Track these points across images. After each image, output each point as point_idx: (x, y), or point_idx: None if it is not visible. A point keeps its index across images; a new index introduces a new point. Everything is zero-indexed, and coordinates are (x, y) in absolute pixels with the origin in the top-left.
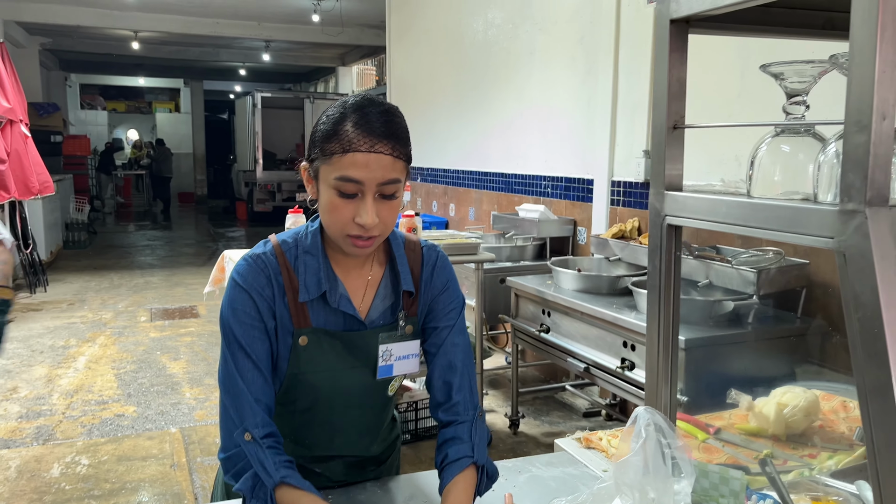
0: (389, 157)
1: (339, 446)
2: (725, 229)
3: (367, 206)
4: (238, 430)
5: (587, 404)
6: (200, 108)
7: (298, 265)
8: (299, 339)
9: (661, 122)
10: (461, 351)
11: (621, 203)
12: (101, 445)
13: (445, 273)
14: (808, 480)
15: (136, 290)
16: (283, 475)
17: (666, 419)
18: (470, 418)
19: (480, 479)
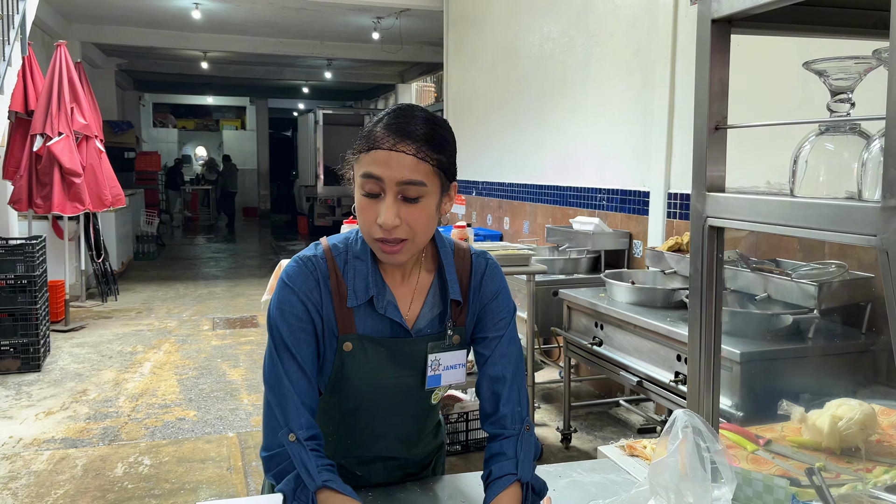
0: (412, 158)
1: (381, 450)
2: (767, 229)
3: (387, 204)
4: (283, 430)
5: (642, 420)
6: (265, 126)
7: (347, 270)
8: (343, 344)
9: (703, 123)
10: (511, 362)
11: (678, 216)
12: (163, 447)
13: (496, 282)
14: (860, 494)
15: (199, 300)
16: (326, 479)
17: (705, 423)
18: (516, 432)
19: (525, 496)
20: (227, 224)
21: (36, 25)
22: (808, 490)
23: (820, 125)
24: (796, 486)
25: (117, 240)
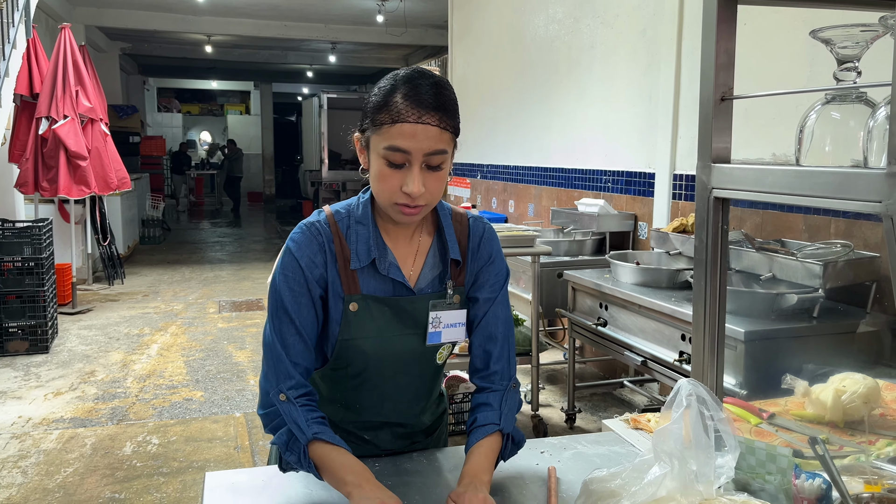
0: (436, 129)
1: (389, 412)
2: (772, 199)
3: (414, 175)
4: (273, 390)
5: (646, 401)
6: (269, 110)
7: (350, 234)
8: (349, 305)
9: (709, 95)
10: (502, 323)
11: (683, 197)
12: (171, 426)
13: (492, 245)
14: (862, 465)
15: (205, 283)
16: (316, 431)
17: (709, 391)
18: (503, 388)
19: (505, 446)
20: (232, 209)
21: (40, 9)
22: (811, 462)
23: (826, 94)
24: (799, 458)
25: (123, 224)
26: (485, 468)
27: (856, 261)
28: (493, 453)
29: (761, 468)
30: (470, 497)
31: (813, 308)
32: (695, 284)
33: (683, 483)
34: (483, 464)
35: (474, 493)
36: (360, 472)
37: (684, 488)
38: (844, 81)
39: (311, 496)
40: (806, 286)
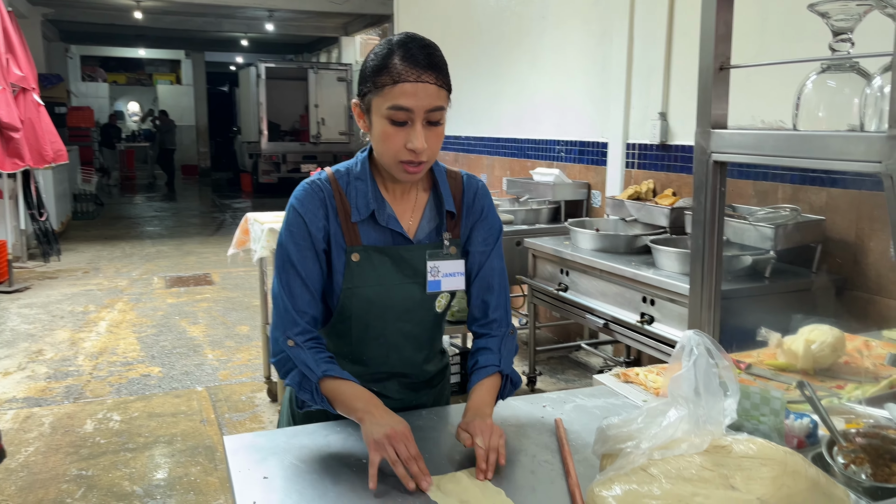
0: (434, 87)
1: (395, 362)
2: (773, 162)
3: (417, 131)
4: (282, 337)
5: (601, 362)
6: (202, 80)
7: (350, 190)
8: (351, 255)
9: (708, 64)
10: (498, 273)
11: (636, 165)
12: (131, 403)
13: (485, 200)
14: (838, 406)
15: (148, 258)
16: (325, 369)
17: (713, 341)
18: (501, 333)
19: (504, 385)
20: (166, 182)
21: None
22: (798, 404)
23: (822, 64)
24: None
25: (55, 198)
26: (487, 402)
27: (803, 224)
28: (494, 390)
29: (756, 410)
30: (479, 424)
31: (765, 268)
32: (692, 243)
33: (696, 425)
34: (485, 398)
35: (482, 421)
36: (370, 400)
37: (697, 429)
38: (839, 52)
39: (334, 454)
40: (758, 248)
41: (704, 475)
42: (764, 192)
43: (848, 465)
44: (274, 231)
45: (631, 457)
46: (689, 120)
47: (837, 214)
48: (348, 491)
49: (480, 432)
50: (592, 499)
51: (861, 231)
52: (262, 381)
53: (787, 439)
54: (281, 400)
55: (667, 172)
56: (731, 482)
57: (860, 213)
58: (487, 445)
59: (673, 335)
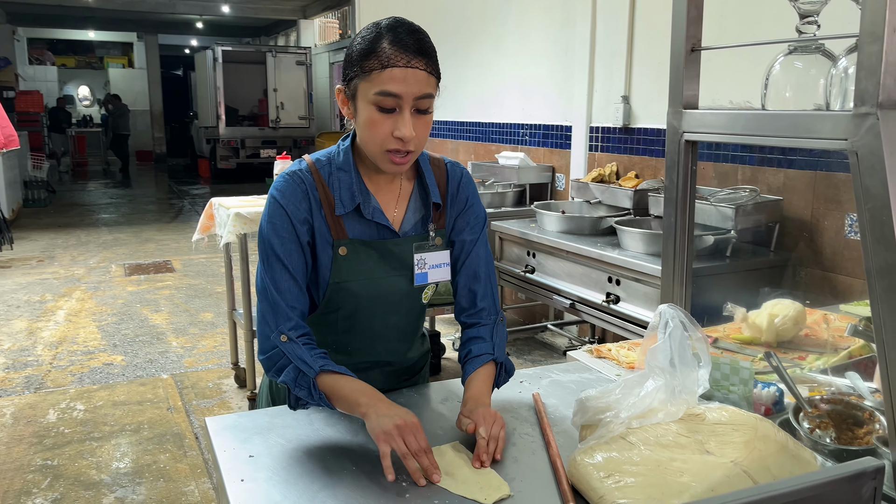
0: (424, 73)
1: (379, 352)
2: (743, 140)
3: (406, 119)
4: (274, 333)
5: (567, 342)
6: (156, 63)
7: (333, 181)
8: (339, 249)
9: (680, 46)
10: (484, 262)
11: (599, 149)
12: (95, 392)
13: (470, 188)
14: (801, 375)
15: (105, 246)
16: (321, 364)
17: (687, 314)
18: (492, 322)
19: (499, 374)
20: (120, 168)
21: None
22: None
23: (789, 45)
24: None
25: (6, 185)
26: (485, 392)
27: (762, 204)
28: (490, 379)
29: (726, 380)
30: (482, 411)
31: (727, 248)
32: (665, 221)
33: (672, 394)
34: (483, 389)
35: (485, 409)
36: (373, 394)
37: (673, 399)
38: (806, 34)
39: (318, 431)
40: (719, 228)
41: (681, 441)
42: (724, 174)
43: (813, 429)
44: (240, 216)
45: (610, 426)
46: (651, 103)
47: (794, 195)
48: (334, 466)
49: (483, 420)
50: (575, 467)
51: (816, 210)
52: (230, 368)
53: (755, 407)
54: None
55: (629, 155)
56: (706, 447)
57: (816, 193)
58: (489, 435)
59: (638, 314)
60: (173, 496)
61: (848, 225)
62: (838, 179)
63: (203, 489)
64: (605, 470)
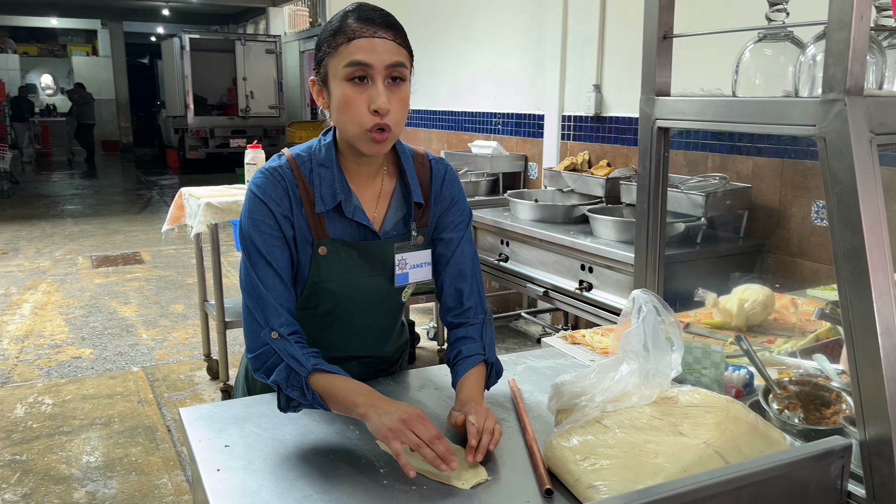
0: (392, 43)
1: (356, 348)
2: (714, 127)
3: (379, 89)
4: (264, 330)
5: (540, 330)
6: (121, 51)
7: (314, 178)
8: (318, 248)
9: (652, 33)
10: (470, 260)
11: (572, 137)
12: (63, 386)
13: (454, 186)
14: (770, 358)
15: (71, 238)
16: (315, 363)
17: (660, 299)
18: (480, 321)
19: (489, 375)
20: (85, 159)
21: None
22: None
23: (759, 33)
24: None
25: None
26: (478, 394)
27: (731, 191)
28: (481, 380)
29: (698, 364)
30: (474, 406)
31: (697, 234)
32: (638, 206)
33: (645, 378)
34: (475, 390)
35: (478, 405)
36: (369, 393)
37: (646, 382)
38: (775, 21)
39: (294, 420)
40: (690, 215)
41: (655, 424)
42: (694, 162)
43: (782, 410)
44: (211, 206)
45: (586, 410)
46: (622, 92)
47: (763, 182)
48: (311, 454)
49: (475, 412)
50: (551, 451)
51: (784, 198)
52: (202, 359)
53: (726, 389)
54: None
55: (601, 144)
56: (679, 429)
57: (783, 180)
58: (481, 425)
59: (610, 301)
60: (146, 489)
61: (815, 212)
62: (805, 167)
63: (176, 482)
64: (581, 453)
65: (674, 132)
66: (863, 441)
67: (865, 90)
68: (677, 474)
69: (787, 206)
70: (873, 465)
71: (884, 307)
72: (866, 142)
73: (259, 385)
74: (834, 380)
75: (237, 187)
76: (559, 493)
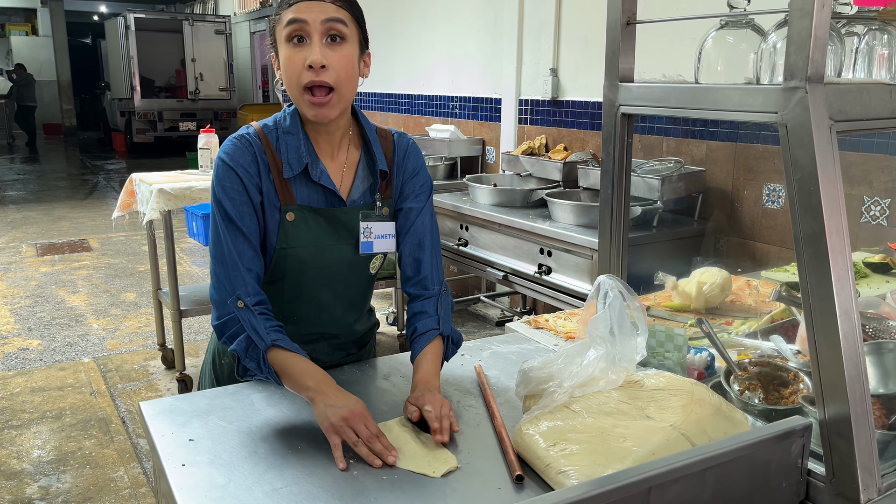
0: (332, 5)
1: (326, 323)
2: (677, 114)
3: (314, 44)
4: (231, 298)
5: (499, 314)
6: (62, 31)
7: (280, 145)
8: (286, 214)
9: (616, 19)
10: (429, 231)
11: (529, 121)
12: (10, 378)
13: (416, 158)
14: (728, 340)
15: (14, 225)
16: (274, 338)
17: (625, 284)
18: (436, 293)
19: (447, 347)
20: (27, 143)
21: None
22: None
23: (721, 20)
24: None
25: None
26: (433, 374)
27: (686, 175)
28: (438, 358)
29: (661, 347)
30: (429, 398)
31: (653, 218)
32: (602, 192)
33: (612, 363)
34: (431, 370)
35: (432, 395)
36: (322, 379)
37: (613, 367)
38: (737, 9)
39: (259, 412)
40: (646, 199)
41: (622, 408)
42: (650, 146)
43: (743, 391)
44: (164, 192)
45: (554, 395)
46: (579, 76)
47: (716, 166)
48: (279, 446)
49: (429, 402)
50: (521, 437)
51: (737, 181)
52: (156, 349)
53: (688, 372)
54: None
55: (558, 128)
56: (646, 413)
57: (736, 164)
58: (438, 413)
59: (569, 284)
60: (101, 483)
61: (766, 195)
62: (757, 151)
63: (133, 474)
64: (551, 439)
65: (635, 117)
66: (822, 420)
67: (825, 78)
68: (645, 457)
69: (739, 190)
70: (832, 443)
71: (842, 290)
72: (826, 129)
73: (226, 372)
74: (791, 360)
75: (190, 173)
76: (529, 478)
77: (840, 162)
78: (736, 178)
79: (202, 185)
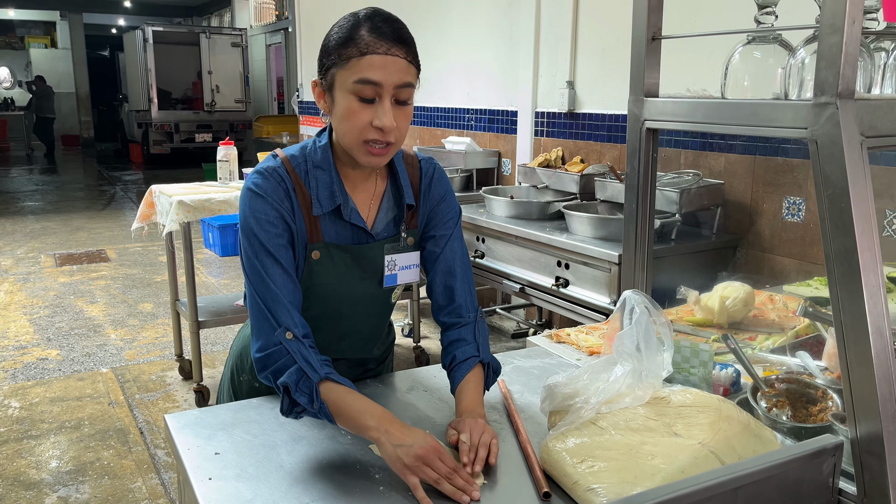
0: (404, 61)
1: (345, 349)
2: (704, 128)
3: (385, 108)
4: (279, 330)
5: (515, 326)
6: (81, 44)
7: (310, 180)
8: (312, 252)
9: (641, 35)
10: (460, 257)
11: (545, 133)
12: (30, 388)
13: (443, 184)
14: (752, 356)
15: (33, 235)
16: (327, 371)
17: (651, 299)
18: (472, 320)
19: (487, 375)
20: (45, 154)
21: None
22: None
23: (748, 35)
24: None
25: None
26: (477, 402)
27: (705, 188)
28: (480, 386)
29: (686, 363)
30: (470, 424)
31: (672, 231)
32: (626, 206)
33: (638, 379)
34: (475, 398)
35: (474, 421)
36: (382, 416)
37: (639, 383)
38: (764, 24)
39: (284, 426)
40: (665, 212)
41: (650, 425)
42: (668, 158)
43: (770, 408)
44: (184, 204)
45: (581, 412)
46: (595, 88)
47: (735, 178)
48: (304, 460)
49: (469, 429)
50: (547, 453)
51: (756, 194)
52: (173, 359)
53: (714, 388)
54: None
55: (575, 140)
56: (673, 430)
57: (755, 177)
58: (476, 441)
59: (587, 297)
60: (119, 493)
61: (786, 208)
62: (776, 163)
63: (151, 485)
64: (578, 455)
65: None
66: (854, 439)
67: (856, 94)
68: (674, 475)
69: (759, 203)
70: (864, 462)
71: (874, 307)
72: (857, 145)
73: (245, 388)
74: (818, 377)
75: (209, 184)
76: (557, 495)
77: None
78: (755, 191)
79: (221, 197)
